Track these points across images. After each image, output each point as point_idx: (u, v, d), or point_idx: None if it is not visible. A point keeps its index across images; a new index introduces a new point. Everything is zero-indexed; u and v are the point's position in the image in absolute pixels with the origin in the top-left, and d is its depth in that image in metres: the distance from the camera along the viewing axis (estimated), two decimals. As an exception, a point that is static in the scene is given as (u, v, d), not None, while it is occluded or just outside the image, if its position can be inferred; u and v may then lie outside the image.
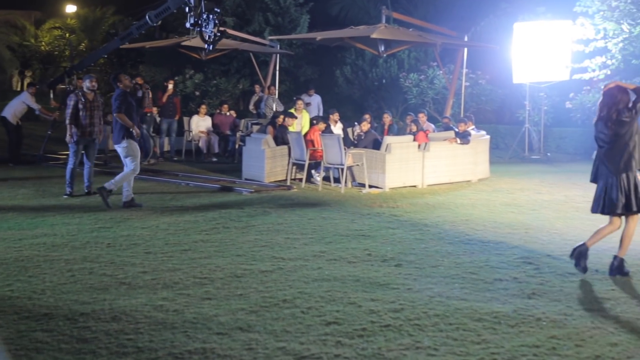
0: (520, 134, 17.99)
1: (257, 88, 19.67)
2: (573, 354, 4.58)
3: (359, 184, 12.37)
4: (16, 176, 13.06)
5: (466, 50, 17.08)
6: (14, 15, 34.86)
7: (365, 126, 13.15)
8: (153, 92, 17.29)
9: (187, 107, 21.46)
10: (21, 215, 9.21)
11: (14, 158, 15.06)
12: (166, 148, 17.23)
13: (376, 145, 12.57)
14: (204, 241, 7.83)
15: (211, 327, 4.98)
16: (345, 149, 11.91)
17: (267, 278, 6.31)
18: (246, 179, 13.00)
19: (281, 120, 13.82)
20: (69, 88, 15.63)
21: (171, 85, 16.97)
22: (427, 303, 5.57)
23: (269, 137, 13.02)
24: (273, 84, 19.51)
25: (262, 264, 6.80)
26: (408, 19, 18.28)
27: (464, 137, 13.01)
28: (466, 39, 17.54)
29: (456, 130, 13.43)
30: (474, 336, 4.86)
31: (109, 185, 9.95)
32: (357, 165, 12.20)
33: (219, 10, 12.92)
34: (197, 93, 22.74)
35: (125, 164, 10.11)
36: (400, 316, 5.25)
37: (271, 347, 4.63)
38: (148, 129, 15.55)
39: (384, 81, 22.89)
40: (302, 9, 24.91)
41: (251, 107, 19.41)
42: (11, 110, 15.22)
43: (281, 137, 13.23)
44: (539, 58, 16.98)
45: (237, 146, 16.21)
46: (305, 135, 12.81)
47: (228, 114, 17.67)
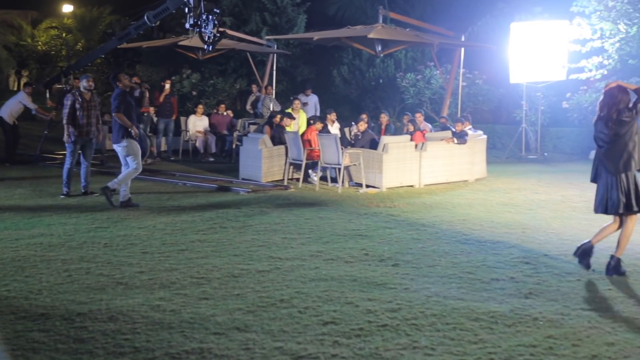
0: (517, 133, 18.01)
1: (254, 88, 19.67)
2: (570, 354, 4.58)
3: (356, 183, 12.37)
4: (13, 176, 13.04)
5: (463, 50, 17.07)
6: (10, 15, 34.83)
7: (363, 126, 13.15)
8: (150, 92, 17.28)
9: (184, 106, 21.44)
10: (18, 215, 9.20)
11: (10, 158, 15.04)
12: (163, 148, 17.22)
13: (373, 145, 12.57)
14: (201, 241, 7.83)
15: (208, 327, 4.98)
16: (342, 149, 11.91)
17: (264, 278, 6.30)
18: (243, 178, 12.99)
19: (278, 119, 13.81)
20: (66, 88, 15.60)
21: (168, 85, 16.97)
22: (424, 303, 5.58)
23: (266, 137, 13.02)
24: (270, 83, 19.50)
25: (259, 264, 6.80)
26: (405, 18, 18.28)
27: (461, 137, 13.02)
28: (463, 38, 17.54)
29: (453, 130, 13.44)
30: (471, 336, 4.86)
31: (112, 185, 9.97)
32: (354, 165, 12.20)
33: (218, 11, 12.90)
34: (194, 93, 22.72)
35: (124, 163, 10.12)
36: (398, 316, 5.25)
37: (268, 347, 4.63)
38: (145, 129, 15.53)
39: (381, 81, 22.89)
40: (299, 8, 24.91)
41: (248, 107, 19.40)
42: (8, 110, 15.20)
43: (278, 136, 13.22)
44: (535, 58, 17.00)
45: (234, 146, 16.22)
46: (303, 135, 12.82)
47: (225, 113, 17.67)
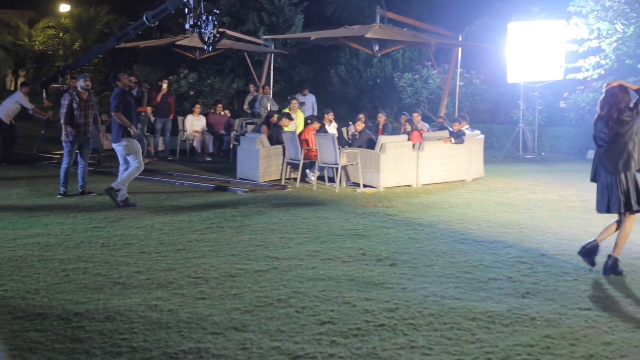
0: (515, 133, 18.02)
1: (251, 87, 19.66)
2: (567, 353, 4.59)
3: (353, 183, 12.37)
4: (10, 176, 13.03)
5: (460, 49, 17.08)
6: (7, 15, 34.82)
7: (360, 126, 13.14)
8: (148, 92, 17.28)
9: (182, 106, 21.42)
10: (15, 215, 9.19)
11: (7, 158, 15.02)
12: (160, 147, 17.20)
13: (371, 144, 12.57)
14: (198, 241, 7.83)
15: (205, 327, 4.98)
16: (339, 149, 11.91)
17: (261, 277, 6.30)
18: (241, 178, 12.99)
19: (275, 119, 13.81)
20: (63, 87, 15.59)
21: (165, 85, 16.96)
22: (421, 302, 5.58)
23: (263, 137, 13.01)
24: (267, 83, 19.48)
25: (256, 264, 6.80)
26: (402, 18, 18.27)
27: (458, 136, 13.02)
28: (460, 38, 17.52)
29: (450, 129, 13.44)
30: (468, 335, 4.86)
31: (116, 185, 9.99)
32: (352, 164, 12.20)
33: (218, 12, 12.89)
34: (191, 92, 22.71)
35: (123, 162, 10.13)
36: (395, 315, 5.25)
37: (265, 346, 4.63)
38: (142, 129, 15.53)
39: (379, 81, 22.87)
40: (296, 8, 24.88)
41: (245, 106, 19.40)
42: (4, 110, 15.19)
43: (276, 136, 13.22)
44: (533, 58, 17.00)
45: (231, 146, 16.21)
46: (300, 134, 12.82)
47: (222, 113, 17.66)
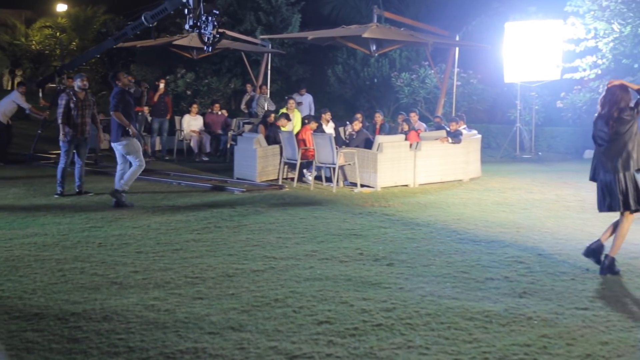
0: (512, 133, 18.04)
1: (248, 87, 19.65)
2: (564, 353, 4.59)
3: (350, 183, 12.37)
4: (6, 176, 13.00)
5: (458, 49, 17.10)
6: (4, 14, 34.77)
7: (357, 125, 13.14)
8: (140, 91, 17.23)
9: (179, 106, 21.41)
10: (12, 215, 9.18)
11: (4, 157, 14.99)
12: (157, 147, 17.19)
13: (368, 144, 12.57)
14: (195, 240, 7.82)
15: (203, 327, 4.97)
16: (337, 149, 11.91)
17: (258, 277, 6.30)
18: (238, 178, 12.98)
19: (272, 118, 13.80)
20: (60, 87, 15.57)
21: (162, 85, 16.94)
22: (418, 302, 5.58)
23: (260, 137, 13.01)
24: (265, 83, 19.49)
25: (253, 264, 6.79)
26: (399, 18, 18.30)
27: (455, 136, 13.03)
28: (458, 38, 17.56)
29: (448, 129, 13.45)
30: (465, 335, 4.86)
31: (120, 187, 10.01)
32: (349, 164, 12.20)
33: (217, 12, 12.88)
34: (188, 92, 22.69)
35: (121, 162, 10.15)
36: (392, 315, 5.25)
37: (263, 346, 4.63)
38: (139, 128, 15.50)
39: (376, 80, 22.88)
40: (293, 8, 24.89)
41: (243, 106, 19.39)
42: (1, 110, 15.17)
43: (273, 136, 13.21)
44: (530, 57, 17.03)
45: (228, 145, 16.20)
46: (297, 134, 12.81)
47: (220, 113, 17.64)
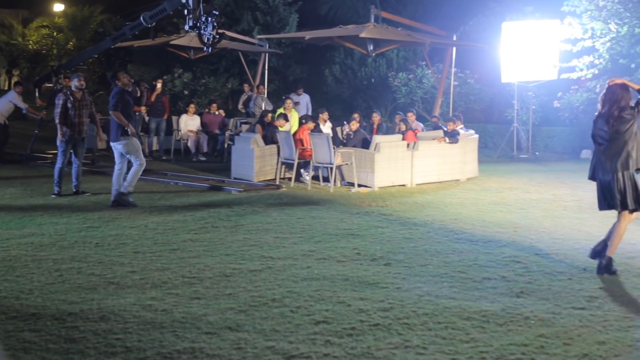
0: (509, 133, 18.05)
1: (246, 87, 19.64)
2: (561, 353, 4.60)
3: (348, 183, 12.37)
4: (3, 175, 12.97)
5: (455, 49, 17.09)
6: (1, 14, 34.75)
7: (354, 125, 13.14)
8: (139, 91, 17.20)
9: (176, 106, 21.38)
10: (9, 215, 9.16)
11: (0, 157, 14.96)
12: (155, 147, 17.17)
13: (365, 144, 12.57)
14: (192, 240, 7.82)
15: (200, 327, 4.97)
16: (334, 148, 11.91)
17: (256, 277, 6.30)
18: (235, 178, 12.98)
19: (269, 118, 13.79)
20: (57, 87, 15.54)
21: (160, 84, 16.92)
22: (416, 302, 5.58)
23: (258, 136, 13.01)
24: (262, 83, 19.48)
25: (251, 263, 6.79)
26: (397, 18, 18.29)
27: (452, 136, 13.03)
28: (455, 38, 17.55)
29: (445, 129, 13.45)
30: (462, 335, 4.87)
31: (125, 189, 10.02)
32: (346, 164, 12.20)
33: (217, 13, 12.86)
34: (185, 92, 22.67)
35: (119, 161, 10.14)
36: (390, 315, 5.26)
37: (260, 346, 4.63)
38: (136, 128, 15.47)
39: (373, 80, 22.89)
40: (291, 8, 24.89)
41: (240, 106, 19.38)
42: (-2, 109, 15.16)
43: (270, 136, 13.21)
44: (527, 57, 17.05)
45: (226, 145, 16.19)
46: (295, 134, 12.81)
47: (217, 113, 17.63)
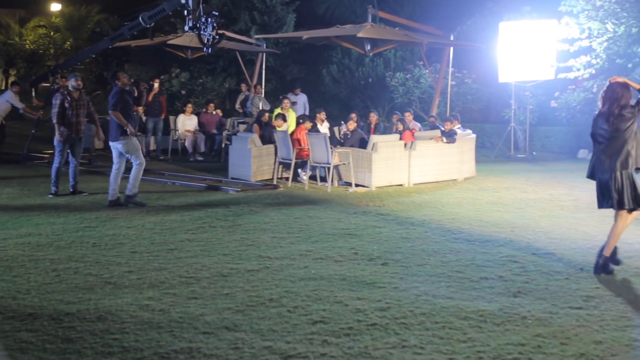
0: (506, 132, 18.06)
1: (243, 87, 19.64)
2: (558, 352, 4.60)
3: (345, 182, 12.37)
4: (0, 175, 12.94)
5: (452, 49, 17.11)
6: (-2, 14, 34.71)
7: (352, 125, 13.15)
8: (136, 91, 17.19)
9: (173, 106, 21.37)
10: (5, 215, 9.15)
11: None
12: (152, 147, 17.15)
13: (362, 144, 12.57)
14: (190, 240, 7.81)
15: (197, 327, 4.97)
16: (331, 148, 11.91)
17: (253, 277, 6.30)
18: (232, 178, 12.97)
19: (267, 118, 13.79)
20: (54, 87, 15.51)
21: (157, 84, 16.87)
22: (413, 302, 5.58)
23: (255, 136, 13.00)
24: (259, 82, 19.48)
25: (248, 263, 6.79)
26: (394, 18, 18.30)
27: (450, 136, 13.04)
28: (452, 38, 17.55)
29: (442, 129, 13.46)
30: (459, 335, 4.87)
31: (130, 192, 10.03)
32: (344, 164, 12.20)
33: (217, 14, 12.85)
34: (183, 92, 22.66)
35: (117, 161, 10.13)
36: (387, 315, 5.26)
37: (257, 346, 4.63)
38: (135, 128, 15.45)
39: (370, 80, 22.88)
40: (288, 7, 24.87)
41: (237, 106, 19.38)
42: (-5, 109, 15.13)
43: (268, 136, 13.21)
44: (524, 57, 17.05)
45: (223, 145, 16.18)
46: (292, 134, 12.80)
47: (214, 112, 17.62)
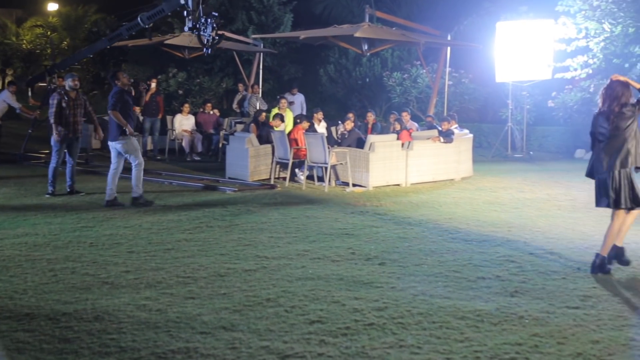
0: (503, 132, 18.06)
1: (240, 87, 19.62)
2: (555, 352, 4.61)
3: (342, 182, 12.37)
4: (-3, 175, 12.95)
5: (449, 49, 17.12)
6: (-5, 14, 34.63)
7: (349, 125, 13.14)
8: (135, 91, 17.18)
9: (171, 105, 21.36)
10: (2, 215, 9.13)
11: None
12: (149, 147, 17.13)
13: (360, 144, 12.57)
14: (187, 240, 7.81)
15: (194, 327, 4.97)
16: (328, 148, 11.91)
17: (250, 277, 6.30)
18: (230, 177, 12.97)
19: (264, 117, 13.78)
20: (50, 87, 15.50)
21: (154, 84, 16.88)
22: (410, 301, 5.59)
23: (252, 136, 13.00)
24: (257, 82, 19.47)
25: (245, 263, 6.79)
26: (391, 17, 18.31)
27: (447, 135, 13.04)
28: (449, 38, 17.57)
29: (439, 129, 13.47)
30: (457, 334, 4.87)
31: (135, 193, 10.06)
32: (341, 164, 12.20)
33: (216, 14, 12.84)
34: (180, 92, 22.65)
35: (115, 161, 10.13)
36: (384, 315, 5.26)
37: (255, 346, 4.63)
38: (133, 128, 15.43)
39: (368, 80, 22.89)
40: (285, 7, 24.87)
41: (235, 105, 19.37)
42: (-8, 109, 15.12)
43: (265, 135, 13.20)
44: (521, 57, 17.06)
45: (220, 145, 16.17)
46: (289, 134, 12.80)
47: (211, 112, 17.61)
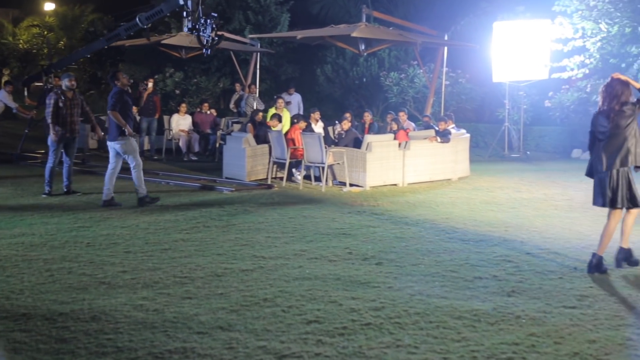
0: (500, 132, 18.09)
1: (237, 86, 19.61)
2: (552, 351, 4.61)
3: (339, 182, 12.37)
4: (-6, 175, 12.93)
5: (446, 49, 17.13)
6: (-8, 13, 34.60)
7: (346, 125, 13.15)
8: (133, 91, 17.19)
9: (167, 105, 21.34)
10: (-1, 215, 9.13)
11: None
12: (146, 147, 17.11)
13: (357, 143, 12.58)
14: (184, 240, 7.81)
15: (191, 327, 4.96)
16: (326, 148, 11.91)
17: (247, 277, 6.30)
18: (227, 177, 12.96)
19: (260, 117, 13.77)
20: (47, 87, 15.47)
21: (151, 84, 16.85)
22: (407, 301, 5.59)
23: (249, 136, 13.00)
24: (254, 82, 19.46)
25: (242, 263, 6.79)
26: (388, 17, 18.32)
27: (444, 135, 13.05)
28: (446, 38, 17.58)
29: (436, 128, 13.48)
30: (454, 334, 4.88)
31: (140, 194, 10.08)
32: (338, 163, 12.20)
33: (216, 15, 12.83)
34: (177, 91, 22.62)
35: (113, 160, 10.13)
36: (381, 314, 5.26)
37: (252, 346, 4.63)
38: (132, 128, 15.42)
39: (365, 80, 22.90)
40: (282, 7, 24.87)
41: (232, 105, 19.36)
42: (-12, 109, 15.10)
43: (262, 135, 13.20)
44: (518, 57, 17.09)
45: (217, 145, 16.17)
46: (286, 134, 12.80)
47: (208, 112, 17.59)
